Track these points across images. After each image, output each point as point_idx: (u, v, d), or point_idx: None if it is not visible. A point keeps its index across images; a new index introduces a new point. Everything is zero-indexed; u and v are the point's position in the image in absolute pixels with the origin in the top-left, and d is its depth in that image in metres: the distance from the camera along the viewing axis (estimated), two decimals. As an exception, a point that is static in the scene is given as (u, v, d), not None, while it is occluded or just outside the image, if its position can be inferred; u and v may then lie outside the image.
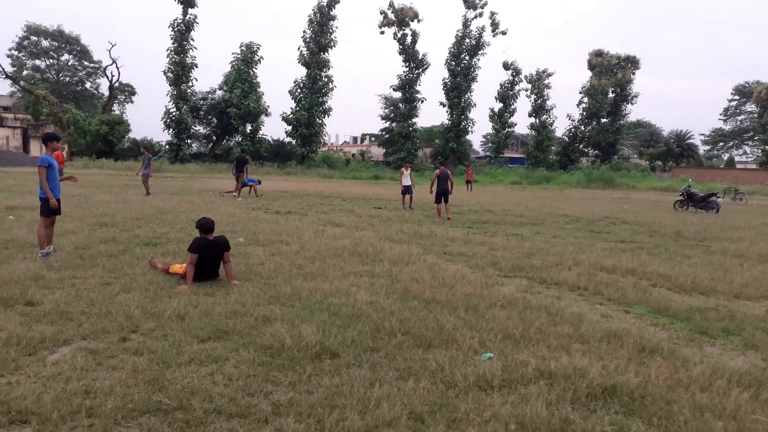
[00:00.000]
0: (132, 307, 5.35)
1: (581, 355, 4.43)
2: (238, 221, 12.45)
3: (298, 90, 52.44)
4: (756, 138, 75.00)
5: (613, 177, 47.20)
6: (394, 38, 54.65)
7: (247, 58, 51.37)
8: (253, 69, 51.94)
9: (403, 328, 5.01)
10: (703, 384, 3.94)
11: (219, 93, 54.53)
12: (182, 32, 49.69)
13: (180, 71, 49.86)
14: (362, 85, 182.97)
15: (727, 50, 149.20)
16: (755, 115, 69.60)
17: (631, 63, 60.41)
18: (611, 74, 58.40)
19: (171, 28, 49.62)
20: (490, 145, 71.29)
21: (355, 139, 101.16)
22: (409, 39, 54.33)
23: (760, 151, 68.18)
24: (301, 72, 53.06)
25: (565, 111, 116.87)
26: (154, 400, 3.48)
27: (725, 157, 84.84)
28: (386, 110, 59.63)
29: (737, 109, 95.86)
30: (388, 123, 59.51)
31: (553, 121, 59.04)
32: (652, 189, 42.76)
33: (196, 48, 50.94)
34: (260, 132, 53.11)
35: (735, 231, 14.40)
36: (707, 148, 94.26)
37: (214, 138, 56.92)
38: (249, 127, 52.35)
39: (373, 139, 78.83)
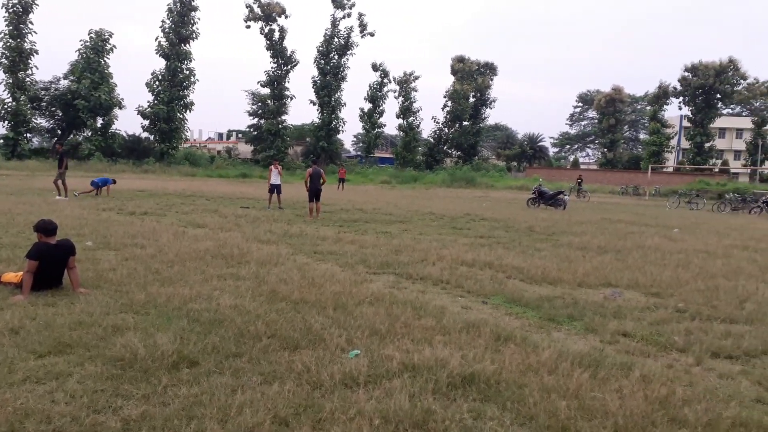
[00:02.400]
0: (-49, 324, 4.65)
1: (443, 346, 4.60)
2: (86, 223, 11.37)
3: (156, 82, 49.27)
4: (597, 141, 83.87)
5: (474, 177, 50.21)
6: (261, 33, 53.43)
7: (98, 47, 47.27)
8: (105, 58, 47.92)
9: (269, 330, 4.86)
10: (551, 367, 4.26)
11: (64, 83, 49.67)
12: (19, 14, 44.51)
13: (17, 57, 44.65)
14: (228, 79, 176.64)
15: (572, 60, 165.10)
16: (596, 120, 77.62)
17: (489, 69, 64.58)
18: (472, 79, 61.95)
19: (5, 9, 44.28)
20: (361, 144, 72.38)
21: (220, 135, 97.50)
22: (276, 35, 53.39)
23: (600, 153, 76.21)
24: (161, 64, 49.88)
25: (433, 113, 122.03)
26: (-24, 429, 3.03)
27: (571, 158, 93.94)
28: (254, 106, 58.00)
29: (581, 115, 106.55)
30: (256, 119, 57.97)
31: (420, 122, 61.44)
32: (509, 188, 46.14)
33: (36, 33, 45.94)
34: (113, 126, 49.18)
35: (579, 226, 15.91)
36: (556, 150, 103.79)
37: (59, 132, 51.69)
38: (100, 121, 48.23)
39: (240, 135, 76.44)
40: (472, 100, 62.73)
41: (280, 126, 54.67)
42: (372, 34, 56.32)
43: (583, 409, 3.56)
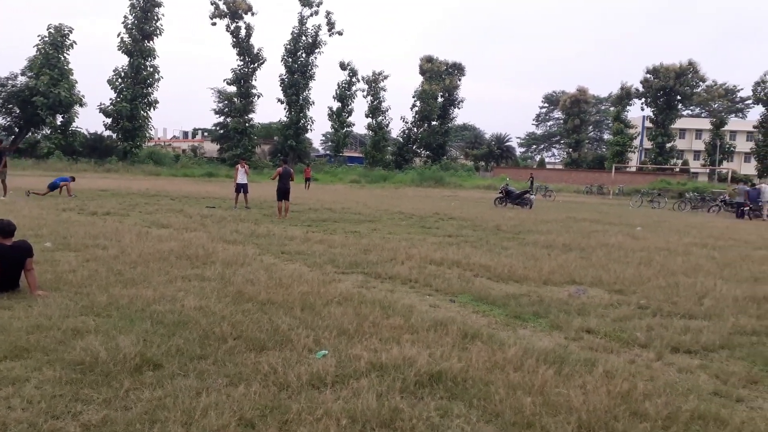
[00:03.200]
0: None
1: (411, 345, 4.61)
2: (45, 224, 11.04)
3: (119, 79, 48.09)
4: (562, 141, 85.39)
5: (442, 176, 50.59)
6: (227, 30, 52.69)
7: (57, 42, 45.90)
8: (65, 54, 46.57)
9: (235, 332, 4.79)
10: (516, 364, 4.31)
11: (22, 79, 48.07)
12: (-28, 7, 42.95)
13: (-29, 52, 43.03)
14: (194, 77, 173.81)
15: (538, 61, 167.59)
16: (561, 121, 79.05)
17: (457, 70, 65.01)
18: (440, 80, 62.32)
19: (-41, 2, 42.66)
20: (330, 143, 72.16)
21: (185, 133, 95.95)
22: (243, 32, 52.73)
23: (565, 153, 77.63)
24: (124, 60, 48.72)
25: (402, 113, 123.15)
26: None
27: (537, 158, 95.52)
28: (220, 104, 57.18)
29: (547, 115, 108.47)
30: (223, 118, 57.15)
31: (389, 122, 61.51)
32: (477, 187, 46.62)
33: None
34: (73, 124, 47.84)
35: (545, 224, 16.16)
36: (522, 149, 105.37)
37: (17, 130, 50.01)
38: (60, 119, 46.86)
39: (206, 134, 75.33)
40: (440, 100, 63.10)
41: (247, 124, 54.03)
42: (340, 33, 56.15)
43: (547, 405, 3.61)
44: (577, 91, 68.97)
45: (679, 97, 60.58)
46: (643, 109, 63.31)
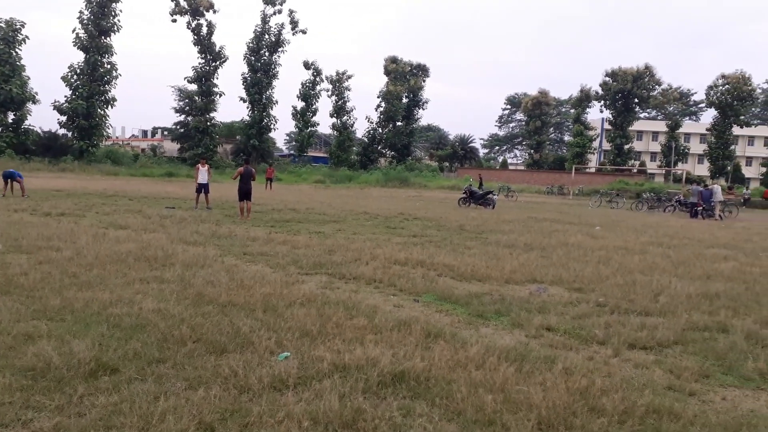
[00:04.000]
0: None
1: (374, 345, 4.60)
2: (-3, 225, 10.62)
3: (74, 76, 46.63)
4: (524, 143, 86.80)
5: (407, 177, 50.82)
6: (188, 28, 51.71)
7: (8, 37, 44.19)
8: (16, 49, 44.89)
9: (194, 335, 4.70)
10: (478, 362, 4.35)
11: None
12: None
13: None
14: (153, 74, 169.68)
15: (501, 64, 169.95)
16: (523, 122, 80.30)
17: (421, 71, 65.37)
18: (405, 80, 62.56)
19: None
20: (294, 143, 71.56)
21: (144, 132, 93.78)
22: (204, 30, 51.82)
23: (527, 154, 78.95)
24: (80, 57, 47.24)
25: (367, 113, 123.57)
26: None
27: (500, 159, 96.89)
28: (181, 103, 55.98)
29: (509, 117, 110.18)
30: (183, 116, 56.01)
31: (354, 122, 61.38)
32: (441, 187, 46.96)
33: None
34: (26, 122, 46.17)
35: (507, 224, 16.40)
36: (486, 151, 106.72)
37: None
38: (11, 116, 45.16)
39: (166, 133, 73.76)
40: (405, 100, 63.36)
41: (208, 123, 53.11)
42: (304, 32, 55.75)
43: (508, 402, 3.66)
44: (539, 93, 70.23)
45: (636, 100, 62.43)
46: (602, 112, 65.08)
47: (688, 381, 4.32)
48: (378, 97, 62.40)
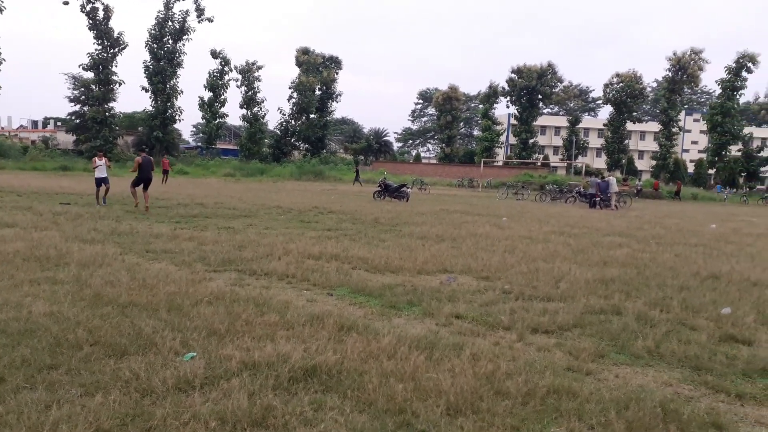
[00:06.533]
0: None
1: (285, 341, 4.53)
2: None
3: (-49, 63, 42.48)
4: (436, 137, 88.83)
5: (322, 170, 50.53)
6: (82, 11, 48.38)
7: None
8: None
9: (91, 338, 4.41)
10: (390, 352, 4.39)
11: None
12: None
13: None
14: (44, 61, 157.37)
15: (413, 58, 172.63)
16: (435, 117, 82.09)
17: (334, 63, 65.05)
18: (317, 72, 62.00)
19: None
20: (201, 135, 68.99)
21: (35, 123, 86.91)
22: (101, 14, 48.71)
23: (439, 148, 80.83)
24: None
25: (280, 104, 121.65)
26: None
27: (414, 152, 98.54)
28: (76, 92, 52.32)
29: (421, 111, 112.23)
30: (79, 106, 52.39)
31: (266, 113, 60.13)
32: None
33: None
34: None
35: (420, 216, 16.70)
36: (400, 144, 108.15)
37: None
38: None
39: (59, 124, 68.75)
40: (318, 93, 62.82)
41: (107, 114, 50.09)
42: (210, 20, 53.76)
43: (418, 390, 3.72)
44: (449, 88, 72.02)
45: (540, 97, 65.57)
46: (508, 107, 67.81)
47: (586, 361, 4.59)
48: (290, 88, 61.50)
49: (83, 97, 51.62)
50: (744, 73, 55.92)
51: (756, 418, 3.72)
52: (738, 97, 57.15)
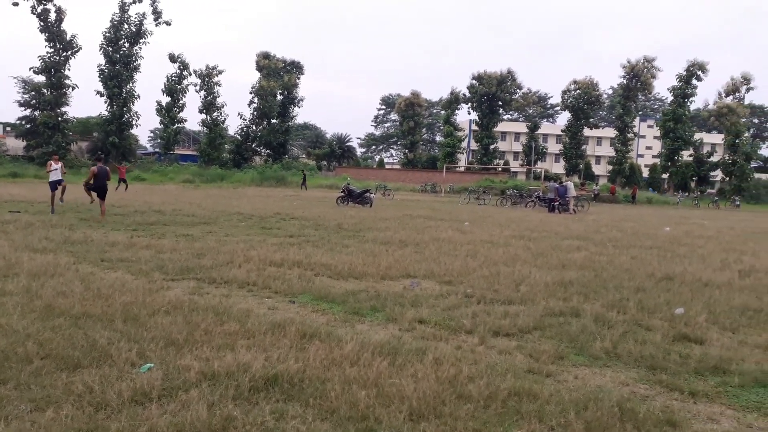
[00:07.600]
0: None
1: (246, 350, 4.45)
2: None
3: None
4: (399, 143, 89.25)
5: (284, 176, 50.03)
6: (33, 13, 46.78)
7: None
8: None
9: (42, 351, 4.25)
10: (353, 359, 4.37)
11: None
12: None
13: None
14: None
15: (377, 63, 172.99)
16: (398, 123, 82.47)
17: (296, 68, 64.61)
18: (279, 77, 61.49)
19: None
20: (159, 141, 67.51)
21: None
22: (53, 15, 47.18)
23: (402, 153, 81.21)
24: None
25: (240, 110, 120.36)
26: None
27: (377, 158, 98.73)
28: (26, 96, 50.42)
29: (384, 117, 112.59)
30: (30, 111, 50.53)
31: (226, 118, 59.18)
32: (319, 186, 46.83)
33: None
34: None
35: (384, 222, 16.72)
36: (363, 150, 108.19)
37: None
38: None
39: (8, 129, 66.17)
40: (279, 98, 62.28)
41: (59, 119, 48.43)
42: (168, 23, 52.65)
43: (381, 396, 3.71)
44: (411, 94, 72.50)
45: (500, 103, 66.62)
46: (470, 113, 68.64)
47: (546, 363, 4.66)
48: (251, 93, 60.74)
49: (34, 101, 49.81)
50: (694, 81, 58.17)
51: (708, 415, 3.84)
52: (689, 104, 59.38)
